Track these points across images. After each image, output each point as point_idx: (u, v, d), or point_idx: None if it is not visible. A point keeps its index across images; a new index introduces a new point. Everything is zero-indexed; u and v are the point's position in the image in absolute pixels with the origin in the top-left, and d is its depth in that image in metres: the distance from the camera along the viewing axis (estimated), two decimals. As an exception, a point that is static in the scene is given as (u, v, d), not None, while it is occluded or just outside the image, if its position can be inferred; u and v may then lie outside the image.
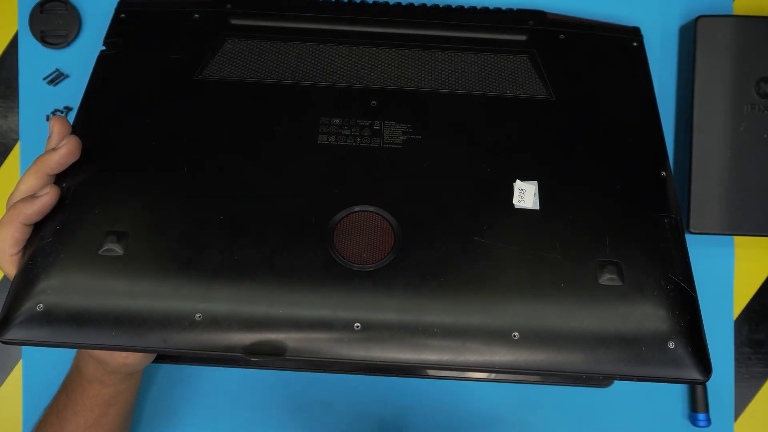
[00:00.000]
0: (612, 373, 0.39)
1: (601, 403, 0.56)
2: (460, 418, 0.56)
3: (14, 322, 0.39)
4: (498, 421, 0.56)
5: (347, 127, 0.46)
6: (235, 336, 0.39)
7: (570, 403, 0.56)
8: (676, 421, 0.57)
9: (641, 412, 0.56)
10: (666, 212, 0.45)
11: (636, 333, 0.40)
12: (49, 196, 0.41)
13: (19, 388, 0.57)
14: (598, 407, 0.56)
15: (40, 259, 0.41)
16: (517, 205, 0.44)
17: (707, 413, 0.55)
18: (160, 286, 0.40)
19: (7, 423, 0.57)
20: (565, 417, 0.56)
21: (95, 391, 0.48)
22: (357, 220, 0.43)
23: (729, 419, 0.57)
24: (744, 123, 0.54)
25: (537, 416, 0.56)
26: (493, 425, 0.56)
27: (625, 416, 0.56)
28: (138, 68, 0.49)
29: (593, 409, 0.56)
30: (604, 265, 0.42)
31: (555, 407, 0.56)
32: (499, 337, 0.40)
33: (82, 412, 0.48)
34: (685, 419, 0.57)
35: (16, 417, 0.57)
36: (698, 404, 0.55)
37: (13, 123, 0.58)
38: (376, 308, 0.40)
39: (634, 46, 0.52)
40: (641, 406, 0.57)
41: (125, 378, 0.49)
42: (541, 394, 0.56)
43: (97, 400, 0.48)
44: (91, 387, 0.48)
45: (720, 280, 0.58)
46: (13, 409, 0.57)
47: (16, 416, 0.57)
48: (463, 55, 0.51)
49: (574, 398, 0.56)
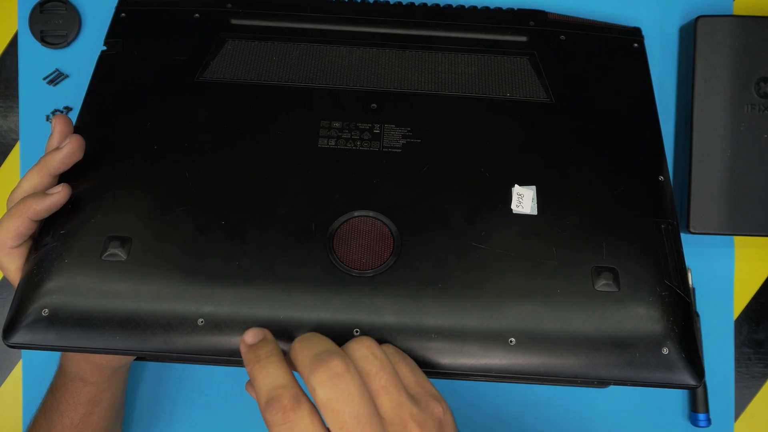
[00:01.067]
0: (606, 377, 0.40)
1: (601, 403, 0.56)
2: (459, 418, 0.56)
3: (20, 326, 0.40)
4: (498, 421, 0.56)
5: (347, 130, 0.47)
6: (236, 340, 0.40)
7: (570, 403, 0.56)
8: (676, 421, 0.57)
9: (641, 412, 0.57)
10: (663, 217, 0.45)
11: (631, 339, 0.40)
12: (60, 194, 0.41)
13: (19, 388, 0.57)
14: (598, 407, 0.57)
15: (45, 263, 0.41)
16: (515, 210, 0.44)
17: (707, 413, 0.55)
18: (163, 291, 0.41)
19: (7, 423, 0.57)
20: (565, 417, 0.56)
21: (78, 389, 0.48)
22: (356, 225, 0.43)
23: (729, 419, 0.57)
24: (744, 123, 0.54)
25: (537, 416, 0.56)
26: (493, 425, 0.56)
27: (625, 416, 0.56)
28: (139, 69, 0.49)
29: (593, 409, 0.56)
30: (600, 271, 0.42)
31: (555, 407, 0.56)
32: (496, 342, 0.40)
33: (67, 412, 0.48)
34: (685, 419, 0.57)
35: (16, 417, 0.57)
36: (698, 404, 0.55)
37: (13, 123, 0.58)
38: (374, 313, 0.40)
39: (635, 47, 0.52)
40: (641, 406, 0.57)
41: (109, 376, 0.49)
42: (541, 394, 0.56)
43: (81, 399, 0.48)
44: (74, 385, 0.48)
45: (720, 280, 0.58)
46: (13, 409, 0.57)
47: (16, 416, 0.57)
48: (463, 57, 0.51)
49: (574, 398, 0.56)
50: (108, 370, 0.48)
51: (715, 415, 0.56)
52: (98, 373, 0.48)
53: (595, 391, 0.56)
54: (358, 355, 0.34)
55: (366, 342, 0.35)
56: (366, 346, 0.34)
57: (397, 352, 0.37)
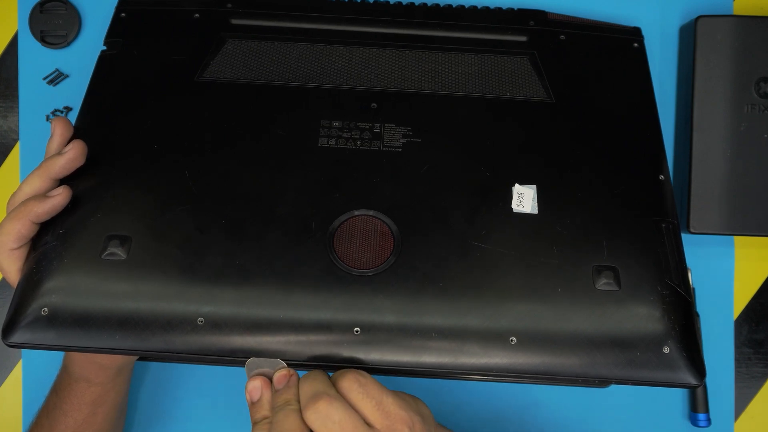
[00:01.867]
0: (607, 377, 0.40)
1: (601, 403, 0.56)
2: (460, 418, 0.56)
3: (19, 325, 0.40)
4: (498, 421, 0.56)
5: (347, 129, 0.47)
6: (236, 339, 0.40)
7: (570, 403, 0.56)
8: (676, 421, 0.57)
9: (641, 412, 0.57)
10: (663, 216, 0.45)
11: (632, 338, 0.40)
12: (62, 196, 0.42)
13: (19, 388, 0.57)
14: (598, 407, 0.56)
15: (44, 263, 0.41)
16: (516, 209, 0.44)
17: (707, 413, 0.55)
18: (163, 290, 0.41)
19: (7, 423, 0.57)
20: (565, 417, 0.56)
21: (82, 389, 0.48)
22: (357, 224, 0.43)
23: (729, 419, 0.57)
24: (744, 123, 0.54)
25: (537, 416, 0.56)
26: (493, 425, 0.56)
27: (625, 416, 0.56)
28: (139, 69, 0.49)
29: (593, 410, 0.56)
30: (601, 270, 0.42)
31: (555, 407, 0.56)
32: (497, 342, 0.40)
33: (71, 412, 0.48)
34: (685, 419, 0.57)
35: (16, 417, 0.57)
36: (698, 404, 0.55)
37: (13, 123, 0.58)
38: (375, 313, 0.40)
39: (635, 46, 0.52)
40: (641, 406, 0.57)
41: (113, 376, 0.49)
42: (541, 394, 0.56)
43: (85, 399, 0.48)
44: (79, 386, 0.48)
45: (720, 280, 0.58)
46: (13, 409, 0.57)
47: (16, 416, 0.57)
48: (463, 57, 0.51)
49: (574, 398, 0.56)
50: (112, 369, 0.48)
51: (715, 415, 0.56)
52: (103, 373, 0.48)
53: (595, 392, 0.56)
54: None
55: (322, 396, 0.35)
56: (323, 403, 0.35)
57: (360, 385, 0.36)
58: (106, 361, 0.47)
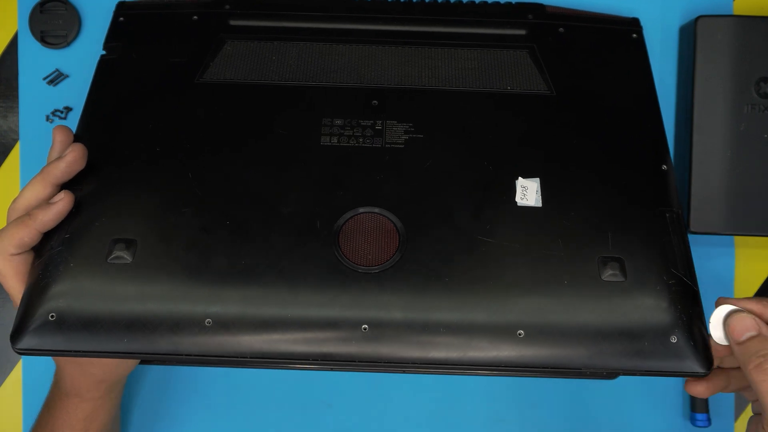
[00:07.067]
0: (615, 367, 0.40)
1: (602, 402, 0.56)
2: (460, 417, 0.56)
3: (27, 331, 0.40)
4: (498, 420, 0.56)
5: (349, 127, 0.47)
6: (245, 339, 0.40)
7: (570, 402, 0.56)
8: (676, 421, 0.57)
9: (641, 412, 0.56)
10: (667, 206, 0.45)
11: (639, 328, 0.41)
12: (64, 201, 0.42)
13: (19, 388, 0.57)
14: (599, 406, 0.56)
15: (51, 268, 0.41)
16: (520, 202, 0.44)
17: (707, 413, 0.55)
18: (170, 292, 0.41)
19: (7, 423, 0.57)
20: (565, 416, 0.56)
21: (74, 405, 0.48)
22: (361, 221, 0.43)
23: (729, 419, 0.57)
24: (744, 123, 0.54)
25: (537, 414, 0.56)
26: (493, 424, 0.56)
27: (625, 416, 0.56)
28: (139, 73, 0.49)
29: (593, 409, 0.56)
30: (607, 261, 0.42)
31: (555, 406, 0.56)
32: (505, 335, 0.40)
33: (63, 428, 0.48)
34: (685, 419, 0.57)
35: (16, 417, 0.57)
36: (698, 404, 0.55)
37: (13, 123, 0.58)
38: (382, 309, 0.41)
39: (634, 37, 0.52)
40: (641, 405, 0.57)
41: (106, 391, 0.48)
42: (542, 392, 0.56)
43: (77, 416, 0.48)
44: (70, 402, 0.48)
45: (720, 280, 0.58)
46: (13, 409, 0.57)
47: (16, 416, 0.57)
48: (463, 52, 0.51)
49: (574, 397, 0.56)
50: (105, 383, 0.48)
51: (715, 415, 0.56)
52: (95, 387, 0.48)
53: (595, 391, 0.56)
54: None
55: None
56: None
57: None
58: (98, 373, 0.47)
